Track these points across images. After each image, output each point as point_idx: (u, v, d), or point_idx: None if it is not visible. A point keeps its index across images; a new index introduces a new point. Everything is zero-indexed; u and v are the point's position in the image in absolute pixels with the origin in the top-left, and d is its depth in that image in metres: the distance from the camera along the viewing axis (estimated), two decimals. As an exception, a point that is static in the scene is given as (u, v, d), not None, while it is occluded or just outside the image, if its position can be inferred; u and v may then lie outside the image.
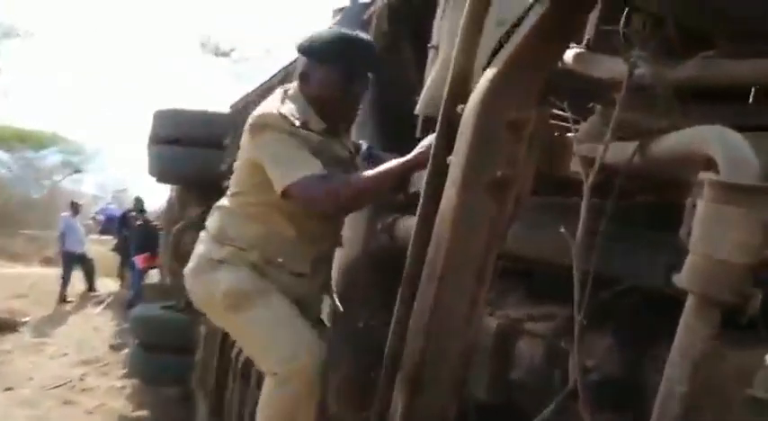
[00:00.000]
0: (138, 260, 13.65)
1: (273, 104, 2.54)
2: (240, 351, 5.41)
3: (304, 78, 2.62)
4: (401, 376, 1.99)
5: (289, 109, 2.50)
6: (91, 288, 15.44)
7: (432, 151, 2.01)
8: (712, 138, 1.30)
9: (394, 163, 2.38)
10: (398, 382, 2.01)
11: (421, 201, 2.04)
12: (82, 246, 15.40)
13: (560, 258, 1.67)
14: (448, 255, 1.84)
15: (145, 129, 8.68)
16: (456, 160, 1.87)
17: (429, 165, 2.03)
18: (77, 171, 36.32)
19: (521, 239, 2.03)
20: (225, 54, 30.89)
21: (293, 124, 2.44)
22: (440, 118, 2.01)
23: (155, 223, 14.36)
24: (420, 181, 2.39)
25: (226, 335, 5.89)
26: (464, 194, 1.83)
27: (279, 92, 2.66)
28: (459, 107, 1.92)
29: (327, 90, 2.59)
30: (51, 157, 35.34)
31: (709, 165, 1.29)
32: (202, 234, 2.79)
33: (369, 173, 2.41)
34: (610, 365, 1.86)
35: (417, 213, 2.05)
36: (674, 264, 1.31)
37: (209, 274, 2.61)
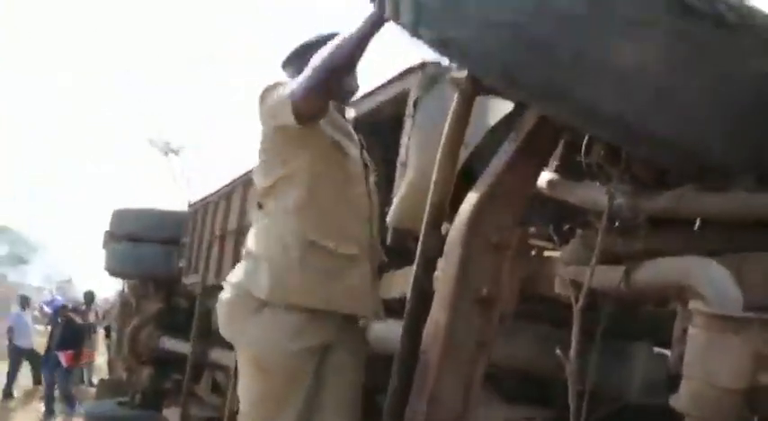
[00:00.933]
0: (64, 357, 13.14)
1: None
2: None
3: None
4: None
5: None
6: (38, 382, 14.87)
7: (414, 271, 2.04)
8: (696, 270, 1.36)
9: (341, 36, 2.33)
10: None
11: (406, 313, 2.06)
12: (30, 341, 14.89)
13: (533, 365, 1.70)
14: (438, 370, 1.85)
15: (92, 223, 8.70)
16: (444, 278, 1.91)
17: (412, 281, 2.06)
18: (23, 262, 35.73)
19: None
20: (174, 152, 30.80)
21: None
22: (421, 239, 2.04)
23: (78, 319, 14.04)
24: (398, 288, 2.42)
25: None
26: (453, 311, 1.86)
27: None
28: (444, 227, 1.96)
29: None
30: (-1, 248, 34.84)
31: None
32: (244, 251, 2.63)
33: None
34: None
35: (403, 327, 2.06)
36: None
37: (246, 319, 2.46)
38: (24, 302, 15.91)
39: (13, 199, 56.00)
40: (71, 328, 13.49)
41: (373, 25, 2.21)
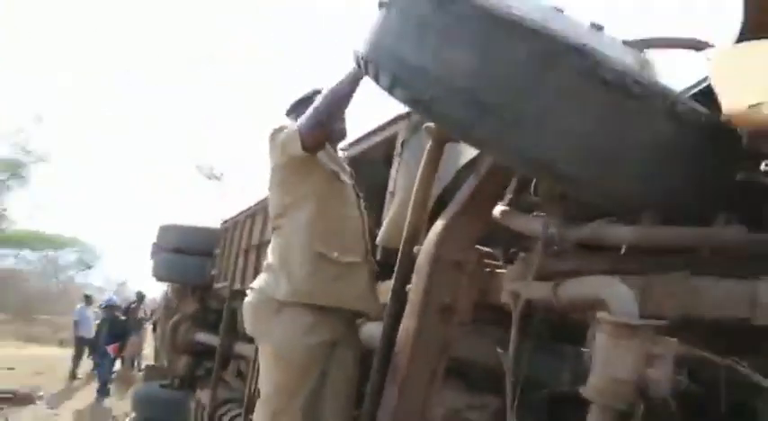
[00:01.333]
0: (111, 349, 13.41)
1: None
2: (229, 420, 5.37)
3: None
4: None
5: None
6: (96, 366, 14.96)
7: (393, 283, 2.13)
8: (605, 287, 1.44)
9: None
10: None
11: (385, 319, 2.14)
12: (91, 332, 14.98)
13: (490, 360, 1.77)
14: (408, 364, 1.94)
15: (144, 234, 8.80)
16: (414, 290, 1.99)
17: (391, 292, 2.14)
18: (88, 267, 35.88)
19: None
20: (216, 178, 30.86)
21: None
22: (399, 257, 2.13)
23: (121, 316, 14.29)
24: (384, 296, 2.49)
25: (214, 409, 5.84)
26: (421, 316, 1.94)
27: None
28: (416, 248, 2.05)
29: None
30: (67, 256, 34.94)
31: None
32: (265, 263, 2.71)
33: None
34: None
35: (383, 329, 2.15)
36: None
37: (269, 320, 2.54)
38: (87, 300, 16.04)
39: (81, 213, 56.42)
40: (116, 324, 13.66)
41: (357, 80, 2.39)
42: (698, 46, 2.40)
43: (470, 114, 1.57)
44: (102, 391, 12.49)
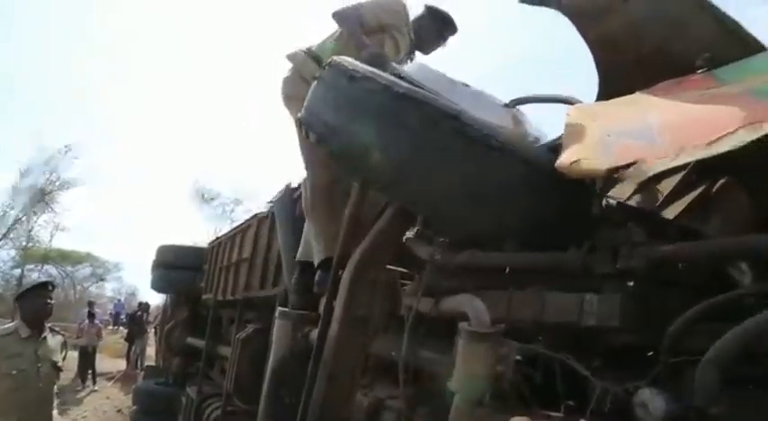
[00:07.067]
0: None
1: None
2: (212, 412, 5.40)
3: None
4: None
5: None
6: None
7: (326, 298, 2.25)
8: (467, 302, 1.58)
9: None
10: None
11: (319, 326, 2.26)
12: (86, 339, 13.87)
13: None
14: (334, 362, 2.06)
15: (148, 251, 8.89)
16: (338, 303, 2.12)
17: (323, 305, 2.26)
18: (101, 279, 35.47)
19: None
20: (208, 201, 30.66)
21: None
22: (330, 277, 2.25)
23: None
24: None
25: (200, 402, 5.87)
26: (343, 324, 2.07)
27: None
28: (340, 272, 2.18)
29: None
30: (83, 270, 34.53)
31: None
32: None
33: None
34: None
35: (317, 333, 2.26)
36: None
37: None
38: (90, 306, 15.63)
39: (94, 231, 55.63)
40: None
41: None
42: (567, 101, 2.58)
43: (375, 166, 1.71)
44: None
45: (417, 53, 3.47)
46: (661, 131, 1.49)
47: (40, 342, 3.88)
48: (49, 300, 3.97)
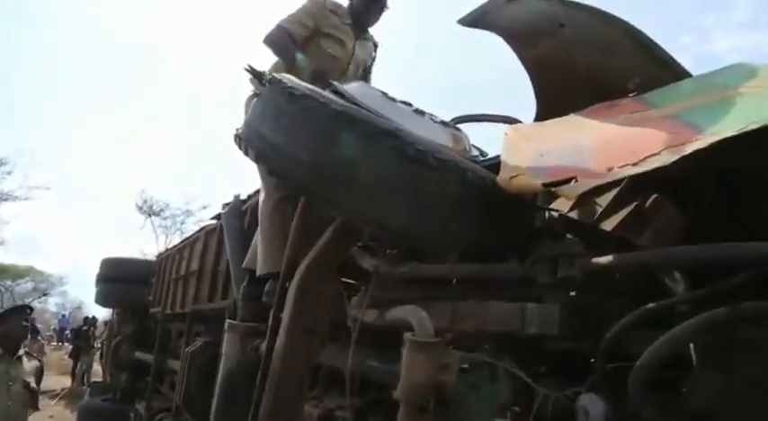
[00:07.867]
0: None
1: None
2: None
3: None
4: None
5: None
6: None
7: (273, 310, 2.22)
8: (412, 313, 1.58)
9: None
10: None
11: (267, 338, 2.23)
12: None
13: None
14: (281, 373, 2.02)
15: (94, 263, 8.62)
16: (285, 313, 2.08)
17: (271, 317, 2.23)
18: (44, 294, 34.09)
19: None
20: (156, 213, 29.92)
21: None
22: (278, 290, 2.22)
23: None
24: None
25: (150, 418, 5.68)
26: (290, 336, 2.03)
27: None
28: (287, 283, 2.15)
29: None
30: (25, 285, 33.12)
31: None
32: None
33: None
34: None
35: (266, 345, 2.23)
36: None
37: None
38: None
39: (37, 244, 53.35)
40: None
41: None
42: (507, 121, 2.63)
43: (315, 183, 1.71)
44: None
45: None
46: (592, 151, 1.54)
47: (13, 362, 3.95)
48: (25, 323, 4.18)
